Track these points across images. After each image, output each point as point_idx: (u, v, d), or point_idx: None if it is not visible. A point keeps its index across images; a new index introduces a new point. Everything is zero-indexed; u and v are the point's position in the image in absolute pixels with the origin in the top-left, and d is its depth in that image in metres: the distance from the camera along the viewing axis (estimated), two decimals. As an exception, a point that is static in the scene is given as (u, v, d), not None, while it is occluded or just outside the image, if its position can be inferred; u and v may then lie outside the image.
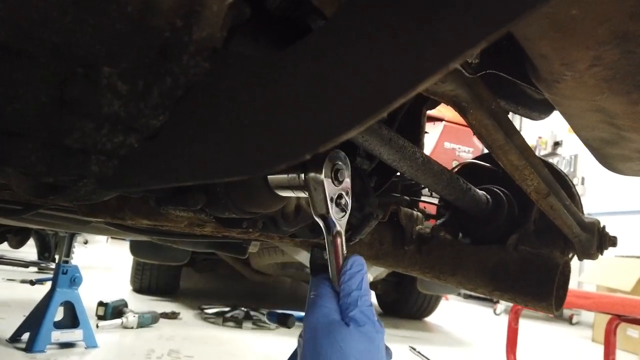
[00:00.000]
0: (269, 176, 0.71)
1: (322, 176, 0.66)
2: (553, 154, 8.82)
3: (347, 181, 0.69)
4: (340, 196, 0.65)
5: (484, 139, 0.67)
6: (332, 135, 0.27)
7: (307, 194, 0.68)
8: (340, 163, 0.69)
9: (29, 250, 5.46)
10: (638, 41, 0.38)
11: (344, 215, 0.64)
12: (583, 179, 8.16)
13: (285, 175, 0.70)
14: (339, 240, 0.62)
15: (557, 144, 8.82)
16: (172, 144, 0.37)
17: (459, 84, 0.56)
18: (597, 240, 1.10)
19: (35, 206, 1.18)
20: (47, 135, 0.34)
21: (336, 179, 0.67)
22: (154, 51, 0.34)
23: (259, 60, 0.35)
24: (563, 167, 8.52)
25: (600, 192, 7.60)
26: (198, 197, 0.71)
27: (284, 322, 1.36)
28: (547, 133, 8.93)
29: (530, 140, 9.23)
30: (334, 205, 0.64)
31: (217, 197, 0.72)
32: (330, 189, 0.66)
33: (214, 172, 0.32)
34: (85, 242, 11.12)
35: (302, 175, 0.68)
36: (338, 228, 0.62)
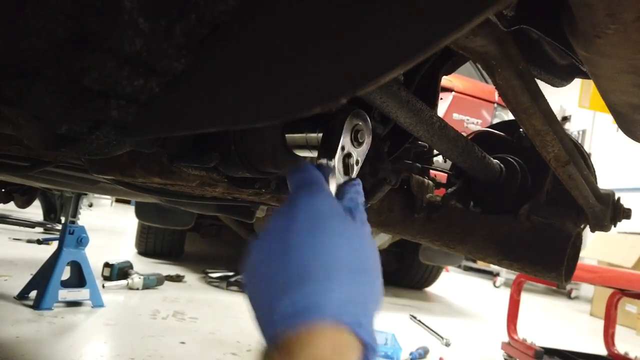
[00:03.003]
0: (286, 135, 0.69)
1: (342, 135, 0.63)
2: (561, 129, 8.72)
3: (365, 148, 0.65)
4: (349, 155, 0.60)
5: (509, 101, 0.65)
6: (372, 76, 0.25)
7: None
8: (361, 124, 0.66)
9: (35, 212, 5.50)
10: (693, -9, 0.36)
11: (345, 179, 0.59)
12: (590, 154, 8.09)
13: (303, 134, 0.68)
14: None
15: (565, 119, 8.72)
16: (194, 88, 0.35)
17: (491, 39, 0.53)
18: (611, 212, 1.08)
19: (44, 163, 1.17)
20: (65, 74, 0.32)
21: (355, 140, 0.65)
22: (177, -15, 0.32)
23: (290, -2, 0.33)
24: (570, 143, 8.43)
25: (607, 168, 7.56)
26: (212, 155, 0.70)
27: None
28: (556, 107, 8.82)
29: (539, 115, 9.10)
30: (341, 156, 0.59)
31: (231, 155, 0.70)
32: (345, 140, 0.62)
33: (240, 117, 0.30)
34: (90, 205, 11.20)
35: (321, 135, 0.65)
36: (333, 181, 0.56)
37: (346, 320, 0.40)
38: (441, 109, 3.68)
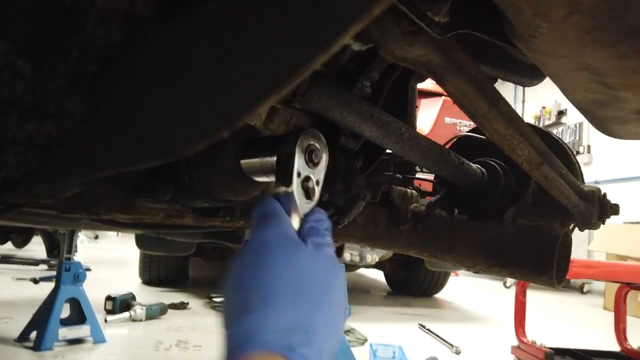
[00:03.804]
0: (241, 161, 0.67)
1: (295, 157, 0.60)
2: (558, 123, 8.69)
3: (322, 167, 0.63)
4: (307, 178, 0.58)
5: (466, 108, 0.63)
6: (250, 106, 0.23)
7: None
8: (315, 144, 0.63)
9: (39, 249, 5.49)
10: (618, -20, 0.33)
11: (308, 203, 0.57)
12: (589, 147, 8.05)
13: (257, 159, 0.65)
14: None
15: (561, 113, 8.69)
16: (93, 130, 0.33)
17: (431, 47, 0.51)
18: (598, 209, 1.05)
19: (17, 205, 1.15)
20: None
21: (310, 160, 0.62)
22: (55, 22, 0.29)
23: (172, 28, 0.31)
24: (568, 136, 8.40)
25: (608, 159, 7.51)
26: (166, 187, 0.68)
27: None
28: (550, 102, 8.79)
29: (534, 110, 9.10)
30: (299, 182, 0.57)
31: (186, 186, 0.68)
32: (300, 164, 0.60)
33: (129, 159, 0.28)
34: (96, 237, 11.19)
35: (274, 159, 0.63)
36: (296, 208, 0.55)
37: (279, 348, 0.40)
38: (432, 115, 3.66)
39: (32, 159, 0.35)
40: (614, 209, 1.05)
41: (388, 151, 1.16)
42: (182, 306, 3.64)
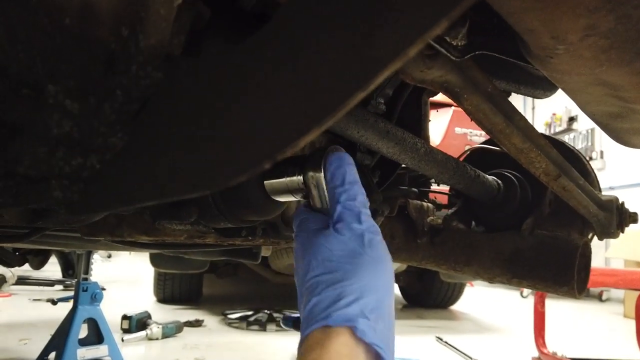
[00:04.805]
0: (265, 182, 0.68)
1: (321, 174, 0.62)
2: (569, 129, 8.64)
3: None
4: None
5: (483, 124, 0.64)
6: (290, 140, 0.24)
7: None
8: None
9: (54, 269, 5.53)
10: (634, 2, 0.35)
11: None
12: (602, 152, 7.99)
13: (284, 179, 0.67)
14: None
15: (572, 119, 8.64)
16: (134, 162, 0.35)
17: (448, 69, 0.52)
18: (616, 218, 1.05)
19: (41, 229, 1.17)
20: (1, 164, 0.32)
21: None
22: (101, 65, 0.31)
23: (210, 65, 0.33)
24: (580, 142, 8.34)
25: (621, 164, 7.44)
26: (190, 210, 0.69)
27: (300, 326, 1.34)
28: (561, 109, 8.75)
29: (545, 117, 9.07)
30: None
31: (210, 208, 0.69)
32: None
33: (172, 190, 0.29)
34: (109, 256, 11.25)
35: (301, 177, 0.64)
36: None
37: (339, 321, 0.47)
38: (442, 125, 3.67)
39: (76, 192, 0.37)
40: (633, 218, 1.05)
41: (403, 165, 1.17)
42: (197, 324, 3.65)
